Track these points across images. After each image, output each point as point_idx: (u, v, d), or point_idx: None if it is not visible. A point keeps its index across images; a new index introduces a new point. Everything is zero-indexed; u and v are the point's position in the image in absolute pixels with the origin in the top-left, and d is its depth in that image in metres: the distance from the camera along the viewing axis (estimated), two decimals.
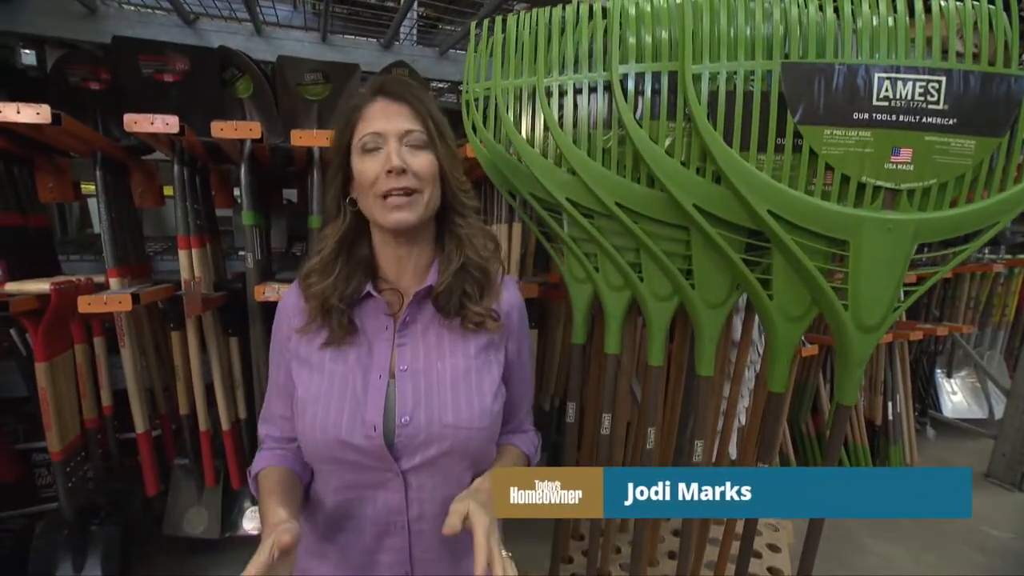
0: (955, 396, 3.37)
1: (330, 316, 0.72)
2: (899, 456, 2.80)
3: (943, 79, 0.82)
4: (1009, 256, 3.20)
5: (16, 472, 1.81)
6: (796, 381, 2.37)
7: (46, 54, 1.94)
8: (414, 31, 2.19)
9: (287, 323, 0.77)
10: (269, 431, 0.82)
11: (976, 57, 0.85)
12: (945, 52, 0.84)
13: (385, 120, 0.69)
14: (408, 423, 0.70)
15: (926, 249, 1.02)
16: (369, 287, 0.74)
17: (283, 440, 0.80)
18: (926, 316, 3.14)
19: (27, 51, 2.14)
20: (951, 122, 0.83)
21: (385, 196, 0.69)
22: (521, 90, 1.05)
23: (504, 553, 0.62)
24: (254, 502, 1.86)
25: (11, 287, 1.35)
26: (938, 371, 3.38)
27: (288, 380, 0.77)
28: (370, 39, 2.13)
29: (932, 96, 0.82)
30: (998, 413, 2.93)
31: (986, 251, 3.23)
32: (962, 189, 0.86)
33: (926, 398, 3.34)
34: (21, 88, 1.65)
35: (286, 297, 0.79)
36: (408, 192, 0.69)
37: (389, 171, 0.67)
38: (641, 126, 0.92)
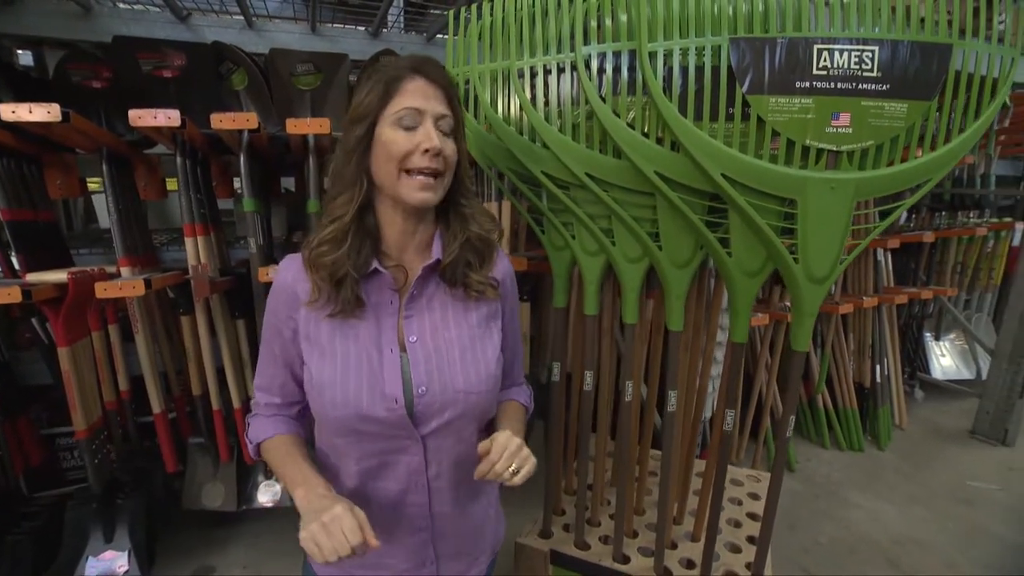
0: (944, 359, 3.45)
1: (340, 287, 0.73)
2: (887, 418, 2.90)
3: (875, 48, 0.89)
4: (995, 220, 3.25)
5: (42, 456, 1.91)
6: (784, 348, 2.44)
7: (45, 55, 2.01)
8: (401, 18, 2.24)
9: (287, 297, 0.77)
10: (269, 399, 0.84)
11: (923, 23, 0.91)
12: (878, 22, 0.91)
13: (425, 100, 0.71)
14: (425, 392, 0.75)
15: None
16: (376, 263, 0.75)
17: (284, 406, 0.85)
18: (913, 280, 3.21)
19: (23, 52, 2.21)
20: (884, 88, 0.91)
21: (409, 171, 0.71)
22: (497, 73, 1.13)
23: (523, 451, 0.72)
24: (268, 476, 1.96)
25: (32, 278, 1.44)
26: (927, 335, 3.45)
27: (286, 351, 0.79)
28: (358, 27, 2.19)
29: (866, 64, 0.90)
30: (985, 374, 3.01)
31: (971, 215, 3.28)
32: (897, 149, 0.94)
33: (915, 361, 3.42)
34: (25, 89, 1.71)
35: (283, 271, 0.78)
36: (436, 174, 0.73)
37: (426, 150, 0.70)
38: (605, 101, 1.00)
